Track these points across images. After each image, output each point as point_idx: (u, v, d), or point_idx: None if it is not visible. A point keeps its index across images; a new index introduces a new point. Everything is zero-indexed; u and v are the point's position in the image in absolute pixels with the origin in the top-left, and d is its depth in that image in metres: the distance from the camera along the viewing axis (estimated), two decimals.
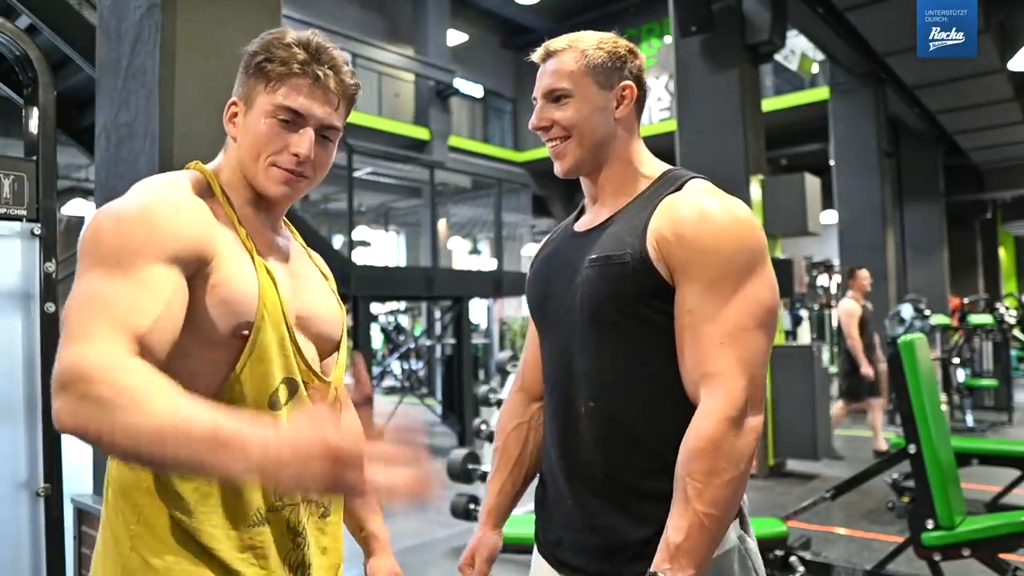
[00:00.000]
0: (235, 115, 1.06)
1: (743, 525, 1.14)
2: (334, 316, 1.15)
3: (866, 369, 5.89)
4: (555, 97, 1.19)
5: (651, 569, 1.03)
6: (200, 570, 0.95)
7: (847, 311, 6.05)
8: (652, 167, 1.23)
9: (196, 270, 0.94)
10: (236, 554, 0.97)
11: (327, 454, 0.71)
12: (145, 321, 0.85)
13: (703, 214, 1.09)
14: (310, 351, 1.07)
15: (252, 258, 1.01)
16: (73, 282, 0.91)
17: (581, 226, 1.27)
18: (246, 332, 0.97)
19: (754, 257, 1.09)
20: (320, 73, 1.02)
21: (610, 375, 1.14)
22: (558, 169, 1.23)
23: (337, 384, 1.12)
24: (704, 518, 1.01)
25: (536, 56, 1.24)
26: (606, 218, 1.21)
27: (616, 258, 1.13)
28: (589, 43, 1.20)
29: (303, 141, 1.01)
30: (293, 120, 1.01)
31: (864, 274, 6.17)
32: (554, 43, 1.22)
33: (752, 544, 1.14)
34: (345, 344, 1.17)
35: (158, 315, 0.87)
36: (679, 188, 1.16)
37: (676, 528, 1.03)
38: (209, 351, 0.96)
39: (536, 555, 1.27)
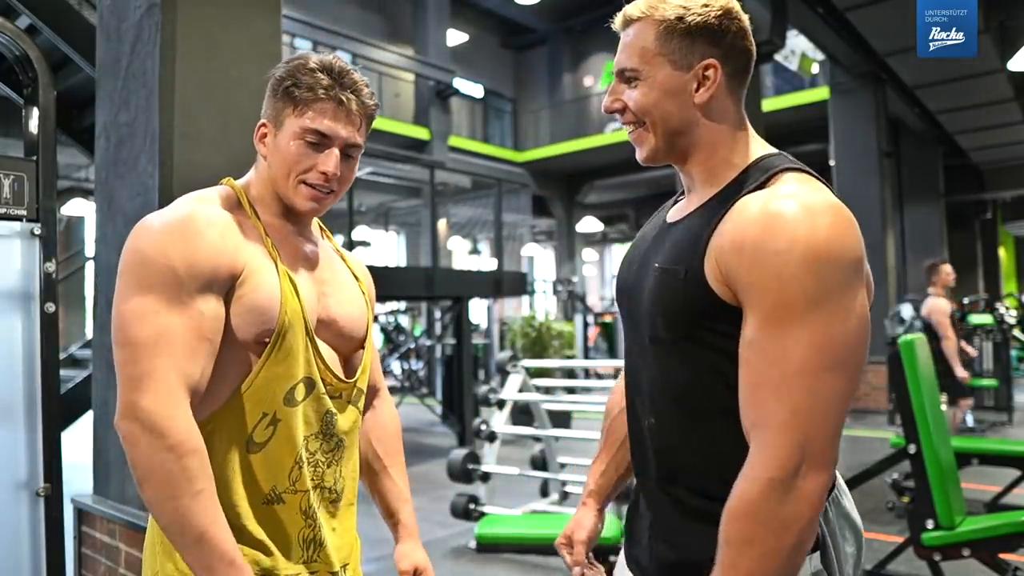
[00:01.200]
0: (265, 135, 1.14)
1: (825, 561, 0.99)
2: (357, 317, 1.22)
3: (962, 372, 5.46)
4: (626, 77, 1.04)
5: None
6: None
7: (941, 309, 5.46)
8: (746, 153, 1.04)
9: (229, 287, 1.05)
10: (254, 525, 1.08)
11: None
12: (197, 369, 1.01)
13: (773, 221, 0.89)
14: (329, 353, 1.16)
15: (276, 267, 1.10)
16: (118, 292, 1.03)
17: (673, 215, 1.12)
18: (267, 340, 1.06)
19: (835, 278, 0.88)
20: (343, 97, 1.10)
21: (666, 396, 1.04)
22: (637, 156, 1.08)
23: (361, 382, 1.21)
24: None
25: (615, 24, 1.07)
26: (688, 212, 1.06)
27: (672, 272, 0.99)
28: (669, 11, 1.00)
29: (329, 160, 1.11)
30: (320, 141, 1.10)
31: (948, 269, 5.67)
32: (632, 8, 1.04)
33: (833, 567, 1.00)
34: (371, 342, 1.25)
35: (205, 359, 1.02)
36: (764, 184, 0.97)
37: None
38: (233, 353, 1.06)
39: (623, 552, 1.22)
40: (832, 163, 9.36)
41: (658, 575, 1.07)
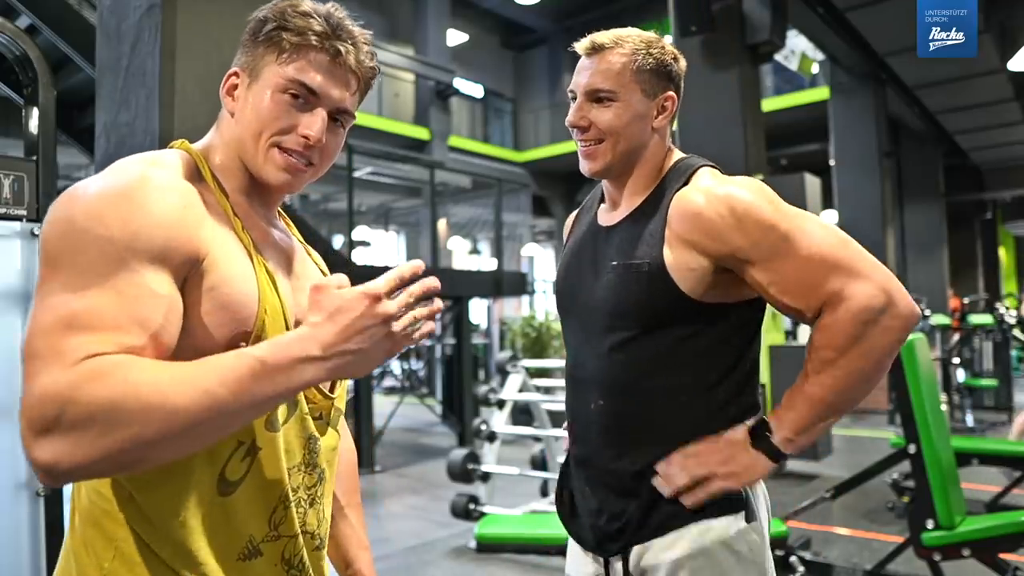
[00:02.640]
0: (235, 87, 0.92)
1: (748, 518, 1.14)
2: None
3: None
4: (597, 97, 1.17)
5: (756, 423, 1.10)
6: None
7: None
8: (668, 162, 1.23)
9: (188, 270, 0.80)
10: None
11: (369, 306, 0.75)
12: (124, 339, 0.72)
13: (725, 203, 1.08)
14: None
15: (250, 256, 0.87)
16: (36, 286, 0.76)
17: (604, 218, 1.26)
18: (243, 343, 0.82)
19: (783, 210, 1.09)
20: (341, 48, 0.89)
21: (622, 380, 1.15)
22: (586, 169, 1.21)
23: (340, 402, 0.99)
24: (815, 399, 1.06)
25: (580, 47, 1.20)
26: (625, 215, 1.21)
27: (635, 266, 1.13)
28: (638, 45, 1.18)
29: (315, 122, 0.88)
30: (305, 98, 0.88)
31: None
32: (601, 37, 1.19)
33: (756, 537, 1.13)
34: None
35: (137, 331, 0.73)
36: (687, 181, 1.15)
37: (787, 400, 1.09)
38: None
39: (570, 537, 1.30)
40: (832, 163, 9.36)
41: (605, 542, 1.18)
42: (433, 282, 0.79)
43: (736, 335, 1.16)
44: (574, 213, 1.42)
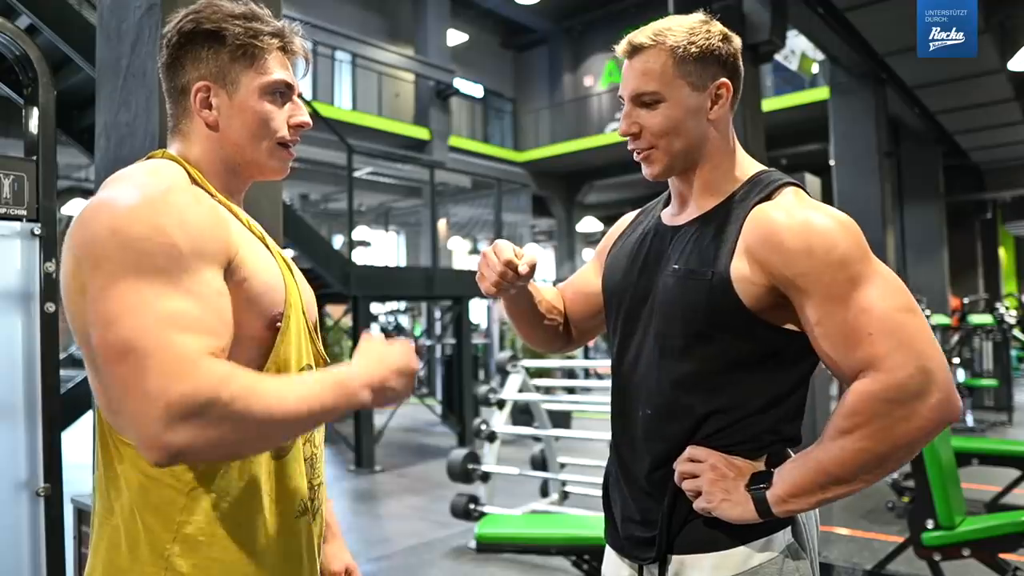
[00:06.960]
0: (207, 99, 0.98)
1: (796, 536, 1.08)
2: (312, 299, 1.13)
3: None
4: (643, 102, 1.11)
5: (760, 470, 1.05)
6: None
7: None
8: (743, 167, 1.16)
9: (227, 267, 0.89)
10: (288, 539, 0.99)
11: (403, 370, 0.94)
12: (220, 342, 0.83)
13: (803, 225, 1.02)
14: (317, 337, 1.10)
15: (268, 248, 0.99)
16: (96, 289, 0.81)
17: (669, 218, 1.20)
18: (279, 324, 0.95)
19: (864, 254, 1.01)
20: (295, 43, 1.03)
21: (669, 390, 1.10)
22: (647, 173, 1.16)
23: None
24: (819, 465, 0.98)
25: (620, 51, 1.14)
26: (694, 217, 1.14)
27: (699, 273, 1.07)
28: (679, 36, 1.09)
29: (299, 109, 1.03)
30: (284, 93, 1.01)
31: None
32: (638, 36, 1.12)
33: (803, 564, 1.08)
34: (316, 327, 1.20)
35: (224, 330, 0.85)
36: (769, 196, 1.09)
37: (797, 456, 1.03)
38: (240, 346, 0.89)
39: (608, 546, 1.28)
40: (832, 163, 9.36)
41: (638, 548, 1.15)
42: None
43: (793, 365, 1.09)
44: (630, 216, 1.35)
